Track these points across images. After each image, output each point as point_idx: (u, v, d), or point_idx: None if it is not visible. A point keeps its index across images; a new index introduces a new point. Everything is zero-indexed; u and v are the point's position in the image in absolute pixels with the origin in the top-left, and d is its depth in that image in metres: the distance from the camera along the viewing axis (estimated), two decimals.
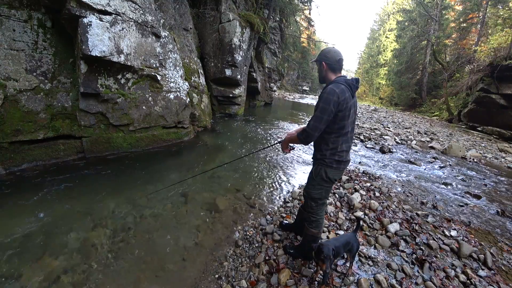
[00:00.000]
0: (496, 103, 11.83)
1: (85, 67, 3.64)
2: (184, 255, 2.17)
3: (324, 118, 1.62)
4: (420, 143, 7.80)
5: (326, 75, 1.79)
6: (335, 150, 1.78)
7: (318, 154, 1.86)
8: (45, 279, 1.81)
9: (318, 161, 1.86)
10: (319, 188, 1.90)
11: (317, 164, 1.87)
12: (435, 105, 21.35)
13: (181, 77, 5.21)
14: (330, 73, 1.79)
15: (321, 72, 1.82)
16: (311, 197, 1.94)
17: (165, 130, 4.94)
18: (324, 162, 1.82)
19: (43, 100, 3.58)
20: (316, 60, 1.83)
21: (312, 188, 1.92)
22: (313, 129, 1.66)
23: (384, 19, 40.87)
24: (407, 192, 3.79)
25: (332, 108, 1.60)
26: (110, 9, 3.66)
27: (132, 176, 3.51)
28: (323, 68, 1.79)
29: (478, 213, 3.38)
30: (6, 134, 3.24)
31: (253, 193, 3.40)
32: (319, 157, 1.85)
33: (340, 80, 1.70)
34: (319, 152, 1.85)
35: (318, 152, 1.86)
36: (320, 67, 1.81)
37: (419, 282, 2.01)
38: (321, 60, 1.79)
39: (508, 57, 11.45)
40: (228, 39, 7.89)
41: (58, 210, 2.60)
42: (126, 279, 1.88)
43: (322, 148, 1.81)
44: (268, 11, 11.96)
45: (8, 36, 3.28)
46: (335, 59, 1.75)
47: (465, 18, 21.56)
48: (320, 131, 1.68)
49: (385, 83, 33.88)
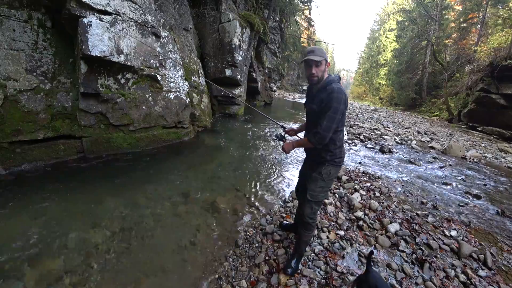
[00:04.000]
0: (496, 103, 11.83)
1: (85, 67, 3.64)
2: (184, 255, 2.17)
3: (337, 118, 1.61)
4: (420, 143, 7.80)
5: (324, 74, 1.76)
6: (342, 148, 1.83)
7: (327, 155, 1.79)
8: (45, 279, 1.81)
9: (328, 162, 1.81)
10: (326, 190, 1.89)
11: (326, 165, 1.82)
12: (435, 105, 21.34)
13: (181, 77, 5.21)
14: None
15: (321, 71, 1.73)
16: (318, 200, 1.88)
17: (165, 130, 4.94)
18: (334, 162, 1.81)
19: (43, 100, 3.58)
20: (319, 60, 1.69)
21: (320, 191, 1.86)
22: (327, 130, 1.62)
23: (384, 19, 40.87)
24: (407, 192, 3.79)
25: (343, 107, 1.62)
26: (110, 9, 3.66)
27: (132, 176, 3.51)
28: (327, 66, 1.76)
29: (478, 213, 3.38)
30: (6, 134, 3.24)
31: (253, 193, 3.40)
32: (328, 158, 1.80)
33: (335, 78, 1.72)
34: (327, 153, 1.79)
35: (327, 152, 1.79)
36: (324, 66, 1.74)
37: (419, 282, 2.01)
38: (325, 58, 1.72)
39: (508, 57, 11.44)
40: (228, 39, 7.89)
41: (58, 210, 2.60)
42: (126, 279, 1.88)
43: (330, 148, 1.77)
44: (268, 11, 11.97)
45: (8, 36, 3.28)
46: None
47: (465, 18, 21.55)
48: (333, 131, 1.65)
49: (385, 83, 33.88)
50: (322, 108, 1.66)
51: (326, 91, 1.65)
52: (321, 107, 1.67)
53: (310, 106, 1.81)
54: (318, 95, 1.72)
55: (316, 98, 1.73)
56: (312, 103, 1.77)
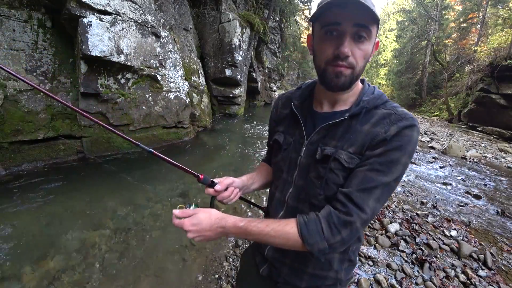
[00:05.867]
0: (496, 103, 11.82)
1: (85, 67, 3.64)
2: (184, 255, 2.17)
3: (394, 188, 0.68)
4: (420, 143, 7.79)
5: (362, 71, 0.68)
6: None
7: (340, 270, 0.78)
8: (45, 279, 1.81)
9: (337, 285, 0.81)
10: None
11: None
12: (435, 105, 21.34)
13: (181, 77, 5.21)
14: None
15: (363, 58, 0.66)
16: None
17: (165, 130, 4.94)
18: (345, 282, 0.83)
19: (43, 100, 3.58)
20: (373, 16, 0.60)
21: None
22: (370, 216, 0.64)
23: (384, 19, 40.87)
24: (407, 192, 3.79)
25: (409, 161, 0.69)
26: (110, 9, 3.66)
27: (132, 176, 3.51)
28: (374, 49, 0.70)
29: (478, 213, 3.38)
30: (6, 134, 3.24)
31: (252, 193, 3.41)
32: (341, 277, 0.79)
33: (380, 92, 0.74)
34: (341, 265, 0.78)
35: (341, 263, 0.78)
36: (373, 44, 0.68)
37: (419, 282, 2.01)
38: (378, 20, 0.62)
39: (508, 57, 11.44)
40: (228, 39, 7.89)
41: (58, 210, 2.60)
42: (126, 279, 1.88)
43: (349, 253, 0.79)
44: (268, 11, 11.96)
45: (8, 36, 3.28)
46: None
47: (465, 18, 21.55)
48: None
49: (385, 83, 33.87)
50: (366, 162, 0.65)
51: (382, 120, 0.66)
52: (365, 159, 0.65)
53: (311, 149, 0.74)
54: (348, 126, 0.69)
55: (337, 132, 0.70)
56: (323, 144, 0.71)
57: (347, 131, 0.68)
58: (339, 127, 0.70)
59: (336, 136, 0.69)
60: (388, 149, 0.62)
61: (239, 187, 0.91)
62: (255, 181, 0.97)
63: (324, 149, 0.69)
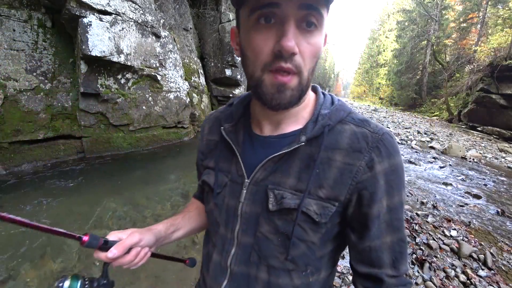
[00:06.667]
0: (496, 103, 11.83)
1: (85, 67, 3.64)
2: (184, 255, 2.17)
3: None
4: (420, 143, 7.79)
5: (312, 73, 0.45)
6: None
7: None
8: (45, 279, 1.81)
9: None
10: None
11: None
12: (435, 105, 21.35)
13: (181, 77, 5.21)
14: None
15: (312, 56, 0.43)
16: None
17: (165, 130, 4.94)
18: None
19: (43, 100, 3.58)
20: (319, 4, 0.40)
21: None
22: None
23: (384, 19, 40.88)
24: (407, 192, 3.79)
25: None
26: (110, 9, 3.66)
27: (132, 176, 3.51)
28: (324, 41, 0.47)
29: (478, 213, 3.38)
30: (6, 134, 3.24)
31: None
32: None
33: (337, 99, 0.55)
34: None
35: None
36: (324, 35, 0.45)
37: (419, 282, 2.00)
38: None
39: (508, 57, 11.45)
40: (228, 39, 7.89)
41: (58, 210, 2.60)
42: (126, 279, 1.88)
43: None
44: None
45: (8, 36, 3.28)
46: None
47: (465, 18, 21.56)
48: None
49: (385, 83, 33.88)
50: (370, 224, 0.47)
51: (356, 143, 0.47)
52: (363, 219, 0.48)
53: (256, 192, 0.51)
54: (309, 155, 0.48)
55: (293, 166, 0.49)
56: (275, 184, 0.49)
57: (308, 164, 0.47)
58: (294, 157, 0.48)
59: (292, 171, 0.48)
60: (388, 202, 0.47)
61: (150, 244, 0.62)
62: (180, 228, 0.70)
63: (280, 194, 0.47)
